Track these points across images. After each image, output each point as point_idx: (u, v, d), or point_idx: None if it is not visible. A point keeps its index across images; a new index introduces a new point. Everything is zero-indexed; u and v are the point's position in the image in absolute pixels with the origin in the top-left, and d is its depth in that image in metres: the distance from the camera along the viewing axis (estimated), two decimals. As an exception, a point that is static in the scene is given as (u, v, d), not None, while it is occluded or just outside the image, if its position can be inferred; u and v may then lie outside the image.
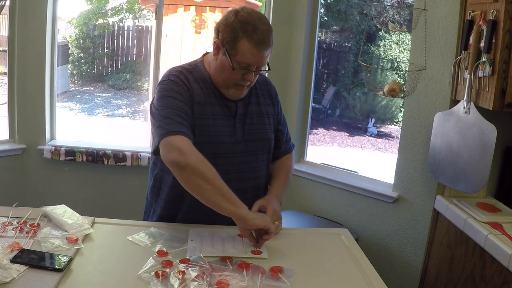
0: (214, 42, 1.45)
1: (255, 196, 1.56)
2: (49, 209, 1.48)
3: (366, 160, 6.44)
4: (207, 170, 1.31)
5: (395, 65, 7.46)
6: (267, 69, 1.47)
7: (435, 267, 2.23)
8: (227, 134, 1.49)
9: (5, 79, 3.13)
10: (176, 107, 1.39)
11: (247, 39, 1.36)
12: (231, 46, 1.38)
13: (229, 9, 1.51)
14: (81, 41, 8.78)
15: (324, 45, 8.17)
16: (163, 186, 1.57)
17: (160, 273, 1.17)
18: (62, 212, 1.47)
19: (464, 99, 1.96)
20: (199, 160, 1.31)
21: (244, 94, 1.52)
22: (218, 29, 1.42)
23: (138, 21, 9.06)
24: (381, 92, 2.11)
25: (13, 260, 1.18)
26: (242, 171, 1.46)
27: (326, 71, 8.42)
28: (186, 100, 1.42)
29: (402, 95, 2.05)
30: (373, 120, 7.67)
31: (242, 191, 1.50)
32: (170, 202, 1.55)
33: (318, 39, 2.93)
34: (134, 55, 9.03)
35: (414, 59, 2.27)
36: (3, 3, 2.78)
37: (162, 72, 1.61)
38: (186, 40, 7.61)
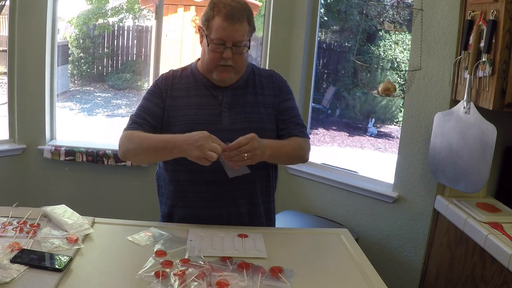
0: (198, 30, 1.54)
1: (250, 188, 1.56)
2: (49, 209, 1.48)
3: (366, 160, 6.44)
4: (133, 140, 1.46)
5: (395, 65, 7.46)
6: (247, 46, 1.49)
7: (435, 267, 2.23)
8: (210, 122, 1.50)
9: (5, 79, 3.13)
10: (142, 106, 1.56)
11: (218, 15, 1.44)
12: (206, 26, 1.48)
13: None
14: (81, 41, 8.77)
15: (324, 45, 8.17)
16: (161, 182, 1.63)
17: (160, 273, 1.17)
18: (62, 212, 1.47)
19: (464, 99, 1.96)
20: (126, 140, 1.48)
21: (231, 79, 1.53)
22: (200, 19, 1.52)
23: (138, 21, 9.05)
24: (375, 91, 2.11)
25: (13, 260, 1.18)
26: None
27: (326, 71, 8.42)
28: (155, 98, 1.56)
29: (397, 94, 2.05)
30: (373, 120, 7.67)
31: (235, 181, 1.51)
32: (169, 198, 1.59)
33: (318, 39, 2.93)
34: (134, 55, 9.02)
35: (414, 59, 2.27)
36: (3, 3, 2.78)
37: (162, 72, 1.70)
38: (186, 40, 7.61)
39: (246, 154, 1.35)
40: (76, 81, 9.08)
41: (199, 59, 1.62)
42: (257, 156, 1.38)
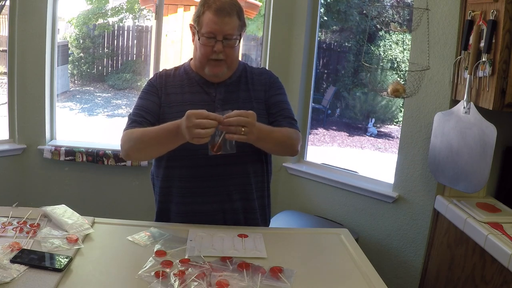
0: (190, 28, 1.56)
1: (244, 183, 1.57)
2: (49, 209, 1.48)
3: (366, 160, 6.44)
4: (133, 137, 1.46)
5: (395, 65, 7.46)
6: (237, 40, 1.51)
7: (435, 267, 2.23)
8: None
9: (5, 79, 3.13)
10: (140, 105, 1.57)
11: (208, 10, 1.48)
12: (197, 22, 1.51)
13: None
14: (81, 41, 8.77)
15: (324, 45, 8.17)
16: (156, 181, 1.64)
17: (160, 273, 1.17)
18: (62, 212, 1.47)
19: (464, 99, 1.96)
20: (127, 139, 1.48)
21: (223, 74, 1.55)
22: (192, 18, 1.55)
23: (138, 21, 9.05)
24: (384, 93, 2.11)
25: (13, 260, 1.18)
26: (226, 156, 1.44)
27: (326, 71, 8.42)
28: (152, 96, 1.58)
29: (405, 95, 2.05)
30: (373, 120, 7.67)
31: (229, 176, 1.53)
32: (163, 195, 1.60)
33: (318, 39, 2.93)
34: (134, 55, 9.02)
35: (414, 59, 2.27)
36: (3, 3, 2.78)
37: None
38: (186, 40, 7.61)
39: (243, 129, 1.33)
40: (76, 81, 9.08)
41: (192, 58, 1.64)
42: (253, 134, 1.36)
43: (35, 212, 1.50)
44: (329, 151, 6.84)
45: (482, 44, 1.89)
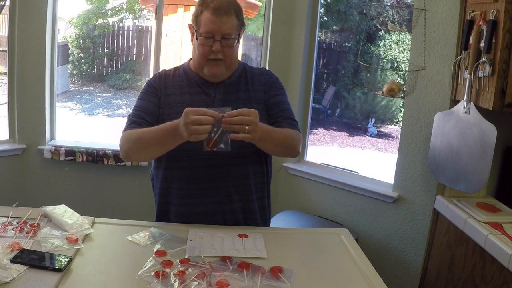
0: (189, 29, 1.56)
1: (244, 184, 1.56)
2: (49, 209, 1.48)
3: (366, 160, 6.44)
4: (132, 138, 1.46)
5: (395, 65, 7.46)
6: (236, 39, 1.50)
7: (435, 267, 2.23)
8: None
9: (5, 79, 3.13)
10: (139, 106, 1.57)
11: (206, 10, 1.47)
12: (196, 22, 1.51)
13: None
14: (81, 41, 8.77)
15: (324, 45, 8.17)
16: (155, 182, 1.64)
17: (160, 273, 1.17)
18: (62, 212, 1.47)
19: (464, 99, 1.97)
20: (126, 140, 1.48)
21: (222, 74, 1.54)
22: (191, 19, 1.55)
23: (138, 21, 9.05)
24: (380, 92, 2.11)
25: (13, 260, 1.18)
26: (226, 157, 1.45)
27: (326, 71, 8.42)
28: (151, 97, 1.58)
29: (402, 95, 2.05)
30: (373, 120, 7.67)
31: (229, 177, 1.53)
32: (163, 196, 1.60)
33: (318, 39, 2.93)
34: (134, 55, 9.02)
35: (414, 59, 2.27)
36: (3, 3, 2.78)
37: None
38: (186, 40, 7.61)
39: (247, 127, 1.31)
40: (76, 81, 9.08)
41: (191, 58, 1.64)
42: (256, 133, 1.34)
43: (35, 212, 1.50)
44: (329, 151, 6.84)
45: (482, 44, 1.89)
